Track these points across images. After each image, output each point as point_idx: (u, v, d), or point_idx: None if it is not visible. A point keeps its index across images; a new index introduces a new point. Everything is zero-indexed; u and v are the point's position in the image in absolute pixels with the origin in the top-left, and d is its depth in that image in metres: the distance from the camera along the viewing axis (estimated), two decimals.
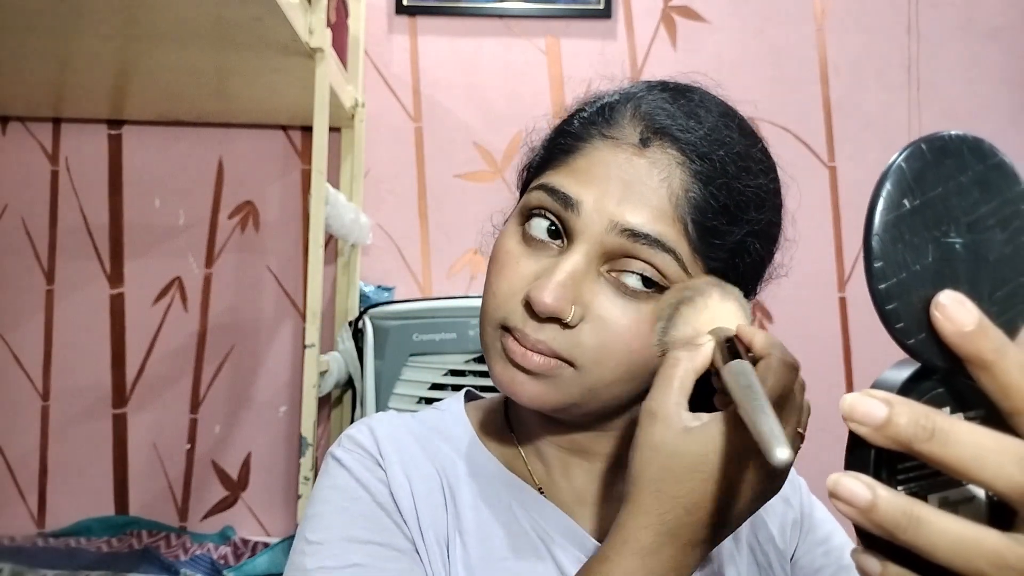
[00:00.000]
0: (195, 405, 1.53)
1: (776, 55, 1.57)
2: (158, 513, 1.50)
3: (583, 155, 0.53)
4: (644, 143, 0.52)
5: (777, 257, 0.60)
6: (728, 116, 0.58)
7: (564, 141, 0.55)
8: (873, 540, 0.29)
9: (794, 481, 0.65)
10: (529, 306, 0.50)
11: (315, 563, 0.52)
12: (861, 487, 0.27)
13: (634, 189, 0.51)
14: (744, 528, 0.60)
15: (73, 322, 1.54)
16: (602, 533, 0.57)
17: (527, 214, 0.54)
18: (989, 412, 0.30)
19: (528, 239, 0.53)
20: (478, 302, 0.65)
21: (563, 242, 0.53)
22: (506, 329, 0.52)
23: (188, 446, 1.53)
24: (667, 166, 0.52)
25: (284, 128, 1.55)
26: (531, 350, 0.51)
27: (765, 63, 1.56)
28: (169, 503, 1.52)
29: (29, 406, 1.53)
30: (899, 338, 0.30)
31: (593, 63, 1.52)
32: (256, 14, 1.00)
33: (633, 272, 0.50)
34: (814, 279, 1.55)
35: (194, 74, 1.26)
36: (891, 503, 0.27)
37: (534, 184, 0.54)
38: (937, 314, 0.29)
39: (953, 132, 0.31)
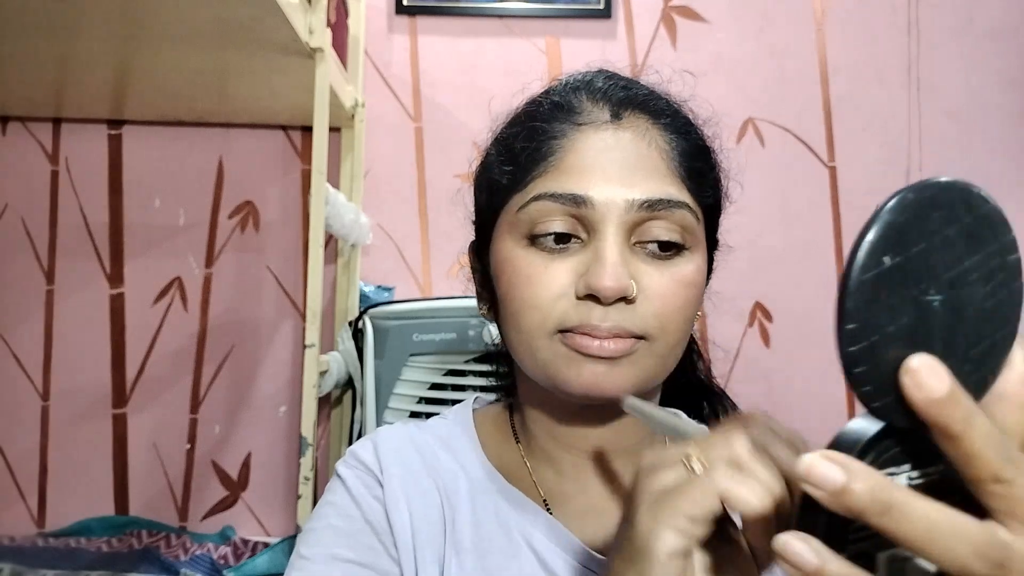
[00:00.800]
0: (195, 405, 1.53)
1: (776, 55, 1.57)
2: (158, 513, 1.50)
3: (567, 151, 0.54)
4: (616, 116, 0.55)
5: (727, 185, 0.64)
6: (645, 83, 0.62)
7: (536, 147, 0.55)
8: None
9: None
10: (587, 299, 0.51)
11: None
12: (809, 552, 0.27)
13: (630, 163, 0.53)
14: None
15: (73, 322, 1.54)
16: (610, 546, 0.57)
17: (532, 228, 0.54)
18: (948, 468, 0.29)
19: (541, 247, 0.53)
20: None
21: (580, 238, 0.53)
22: (564, 332, 0.52)
23: (188, 446, 1.53)
24: (646, 131, 0.55)
25: (284, 128, 1.55)
26: (607, 337, 0.51)
27: (765, 63, 1.56)
28: (169, 503, 1.52)
29: (29, 406, 1.53)
30: (866, 402, 0.29)
31: (593, 63, 1.52)
32: (256, 14, 1.00)
33: (656, 238, 0.53)
34: (814, 279, 1.55)
35: (194, 74, 1.26)
36: (838, 572, 0.27)
37: (528, 198, 0.54)
38: (907, 380, 0.28)
39: (943, 179, 0.29)
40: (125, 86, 1.35)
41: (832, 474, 0.27)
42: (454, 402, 0.70)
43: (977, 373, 0.30)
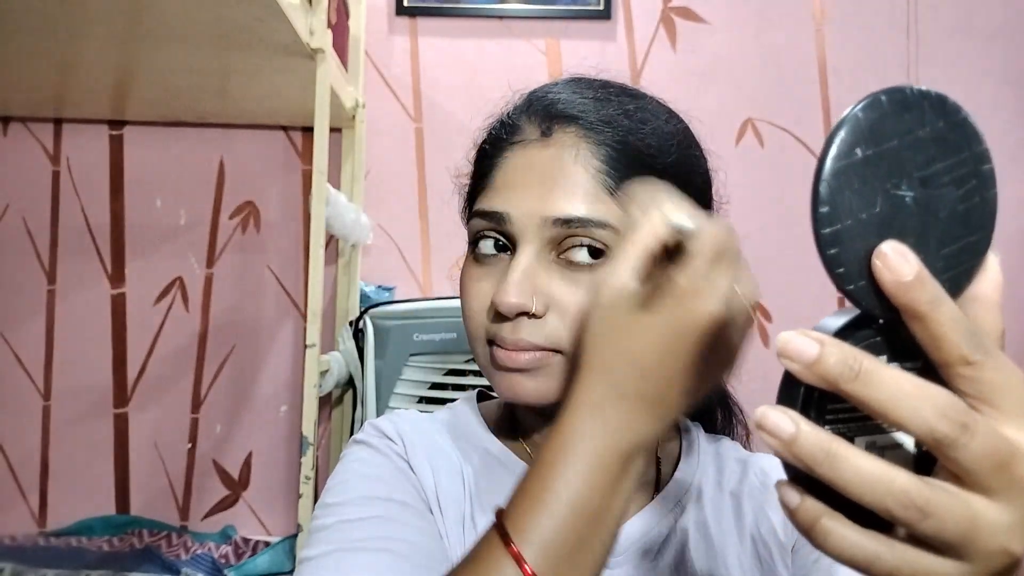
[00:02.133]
0: (196, 405, 1.54)
1: (776, 55, 1.57)
2: (159, 512, 1.51)
3: (499, 170, 0.57)
4: (546, 133, 0.57)
5: (715, 187, 0.64)
6: (608, 85, 0.61)
7: (482, 166, 0.60)
8: (797, 476, 0.30)
9: None
10: (498, 313, 0.54)
11: (335, 518, 0.54)
12: (786, 420, 0.29)
13: (551, 180, 0.54)
14: (748, 520, 0.61)
15: (74, 322, 1.54)
16: None
17: (474, 241, 0.58)
18: (925, 363, 0.30)
19: (482, 260, 0.57)
20: None
21: (510, 252, 0.56)
22: (491, 343, 0.56)
23: (189, 445, 1.53)
24: (573, 144, 0.55)
25: (285, 129, 1.56)
26: (514, 350, 0.54)
27: (765, 63, 1.57)
28: (170, 502, 1.53)
29: (30, 406, 1.53)
30: (839, 283, 0.30)
31: (593, 64, 1.52)
32: (257, 15, 1.00)
33: (579, 247, 0.54)
34: (814, 279, 1.55)
35: (195, 75, 1.27)
36: (811, 437, 0.28)
37: (470, 214, 0.59)
38: (877, 262, 0.30)
39: (916, 87, 0.31)
40: (126, 87, 1.36)
41: (807, 347, 0.29)
42: (454, 401, 0.71)
43: (949, 272, 0.31)
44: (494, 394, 0.71)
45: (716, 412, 0.75)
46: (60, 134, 1.56)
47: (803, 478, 0.29)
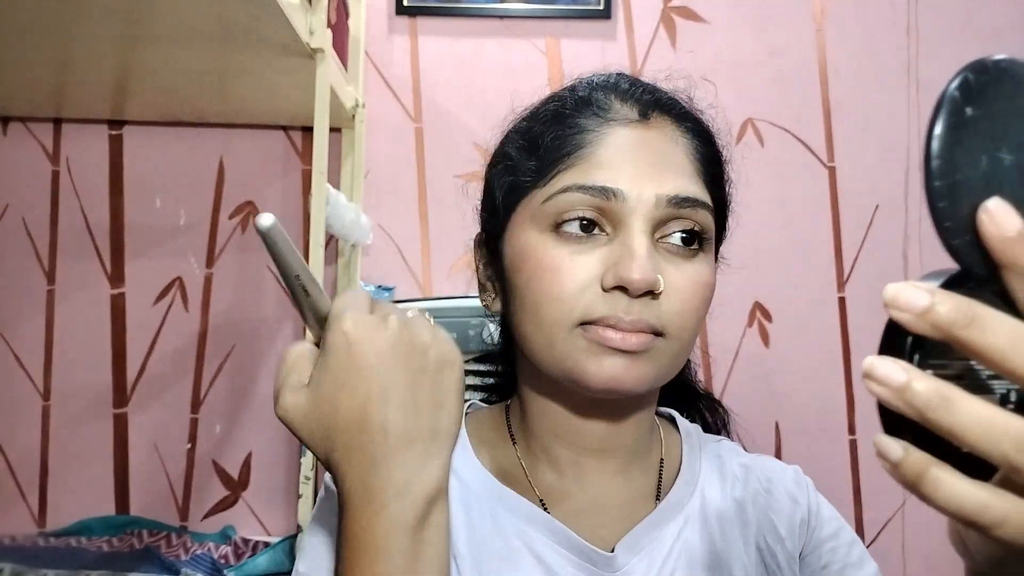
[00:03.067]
0: (196, 405, 1.54)
1: (776, 55, 1.57)
2: (159, 513, 1.50)
3: (597, 145, 0.55)
4: (645, 116, 0.56)
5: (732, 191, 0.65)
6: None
7: (564, 140, 0.55)
8: (896, 428, 0.29)
9: (800, 481, 0.64)
10: (615, 291, 0.52)
11: None
12: (897, 368, 0.28)
13: (661, 160, 0.54)
14: (752, 527, 0.60)
15: (74, 322, 1.54)
16: (611, 541, 0.57)
17: (558, 219, 0.54)
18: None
19: (567, 238, 0.54)
20: (478, 302, 0.65)
21: (605, 231, 0.54)
22: (587, 324, 0.53)
23: (189, 446, 1.53)
24: (672, 131, 0.56)
25: (285, 128, 1.56)
26: (631, 331, 0.52)
27: (765, 63, 1.57)
28: (170, 503, 1.52)
29: (30, 406, 1.53)
30: (945, 237, 0.31)
31: (593, 64, 1.52)
32: (256, 14, 1.00)
33: (677, 232, 0.54)
34: (814, 279, 1.55)
35: (195, 75, 1.26)
36: (924, 383, 0.28)
37: (555, 190, 0.54)
38: (984, 217, 0.29)
39: (1018, 57, 0.32)
40: (126, 86, 1.36)
41: (918, 296, 0.28)
42: None
43: None
44: (481, 405, 0.69)
45: (697, 406, 0.74)
46: (59, 134, 1.55)
47: (903, 431, 0.29)
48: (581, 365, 0.53)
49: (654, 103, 0.57)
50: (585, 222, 0.53)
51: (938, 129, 0.31)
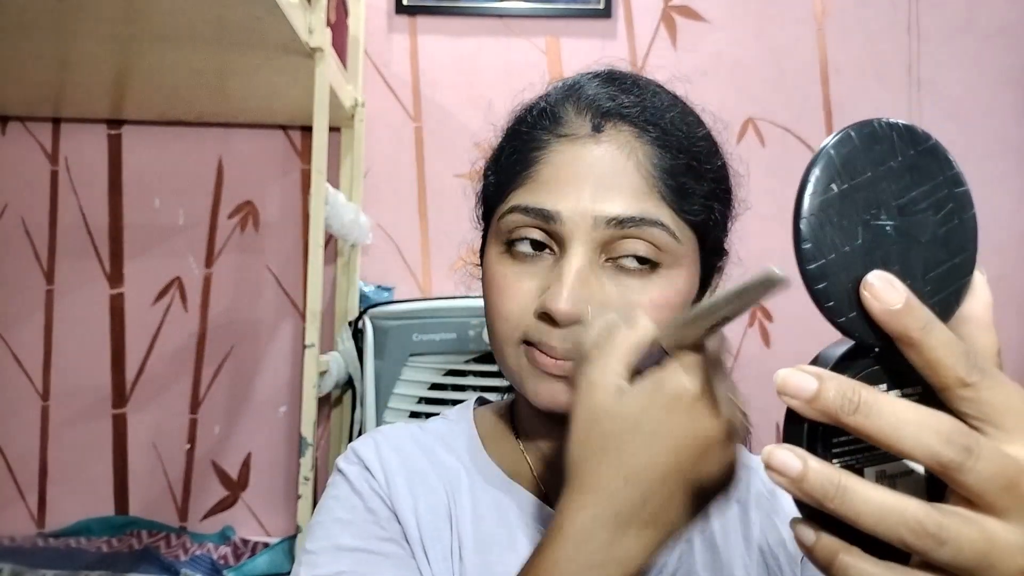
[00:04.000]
0: (195, 405, 1.53)
1: (776, 55, 1.56)
2: (158, 513, 1.50)
3: (544, 163, 0.54)
4: (597, 129, 0.54)
5: (738, 193, 0.64)
6: (655, 84, 0.59)
7: (519, 156, 0.56)
8: (811, 512, 0.30)
9: None
10: (546, 317, 0.51)
11: (308, 572, 0.54)
12: (792, 458, 0.28)
13: (605, 178, 0.52)
14: (755, 529, 0.60)
15: (73, 322, 1.53)
16: None
17: (508, 237, 0.54)
18: (926, 389, 0.30)
19: (517, 256, 0.54)
20: (478, 302, 0.65)
21: (553, 250, 0.53)
22: (528, 344, 0.53)
23: (188, 446, 1.53)
24: (626, 143, 0.53)
25: (284, 128, 1.55)
26: (562, 359, 0.51)
27: (765, 63, 1.56)
28: (169, 503, 1.52)
29: (29, 406, 1.53)
30: (830, 317, 0.30)
31: (593, 63, 1.52)
32: (256, 14, 1.00)
33: (629, 255, 0.52)
34: None
35: (194, 74, 1.26)
36: (820, 473, 0.28)
37: (505, 208, 0.55)
38: (865, 293, 0.30)
39: (885, 119, 0.32)
40: (125, 86, 1.35)
41: (805, 382, 0.29)
42: (454, 402, 0.70)
43: (938, 296, 0.31)
44: (490, 399, 0.70)
45: None
46: (58, 133, 1.55)
47: (817, 514, 0.29)
48: (526, 384, 0.54)
49: (611, 112, 0.54)
50: (534, 241, 0.53)
51: (804, 210, 0.30)
